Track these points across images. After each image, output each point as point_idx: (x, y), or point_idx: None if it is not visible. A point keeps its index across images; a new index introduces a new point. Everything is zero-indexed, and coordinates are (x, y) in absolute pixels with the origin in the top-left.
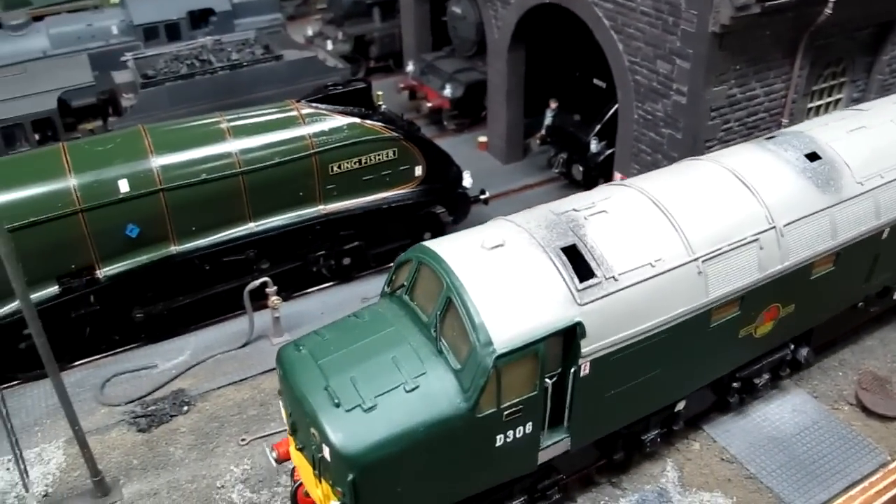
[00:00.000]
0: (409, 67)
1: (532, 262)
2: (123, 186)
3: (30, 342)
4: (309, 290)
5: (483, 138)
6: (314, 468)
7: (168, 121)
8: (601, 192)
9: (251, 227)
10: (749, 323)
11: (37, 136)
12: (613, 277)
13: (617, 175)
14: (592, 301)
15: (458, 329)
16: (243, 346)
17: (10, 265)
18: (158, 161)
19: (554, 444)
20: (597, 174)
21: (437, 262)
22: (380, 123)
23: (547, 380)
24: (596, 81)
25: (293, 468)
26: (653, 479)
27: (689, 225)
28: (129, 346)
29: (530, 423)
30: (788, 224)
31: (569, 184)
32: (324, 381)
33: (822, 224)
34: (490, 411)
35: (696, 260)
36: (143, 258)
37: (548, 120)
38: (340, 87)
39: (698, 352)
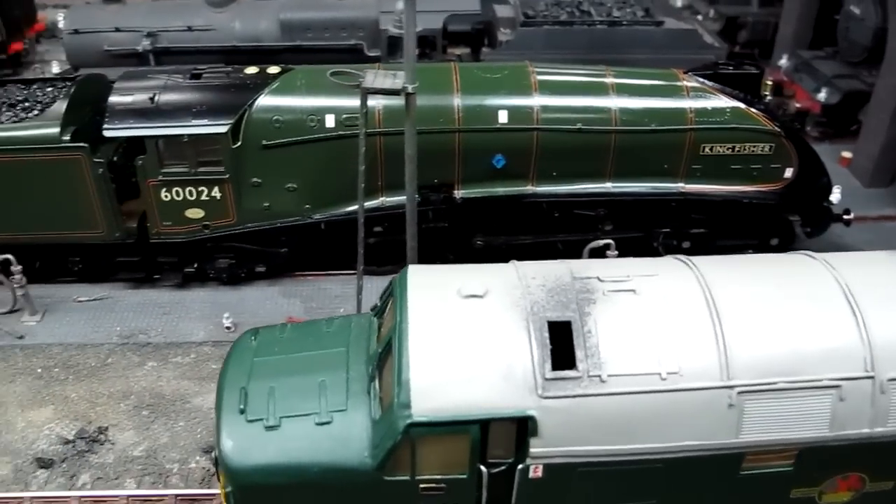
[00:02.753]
0: (782, 61)
1: (504, 328)
2: (502, 117)
3: (378, 239)
4: None
5: (847, 153)
6: (215, 464)
7: (553, 63)
8: (648, 266)
9: (608, 186)
10: (808, 484)
11: (416, 51)
12: (599, 377)
13: None
14: (560, 397)
15: (390, 377)
16: None
17: (410, 166)
18: (540, 100)
19: None
20: None
21: (400, 293)
22: (763, 114)
23: (483, 468)
24: None
25: None
26: None
27: (738, 340)
28: None
29: None
30: None
31: None
32: (245, 381)
33: None
34: (402, 477)
35: (729, 388)
36: (499, 190)
37: None
38: (731, 68)
39: (718, 498)
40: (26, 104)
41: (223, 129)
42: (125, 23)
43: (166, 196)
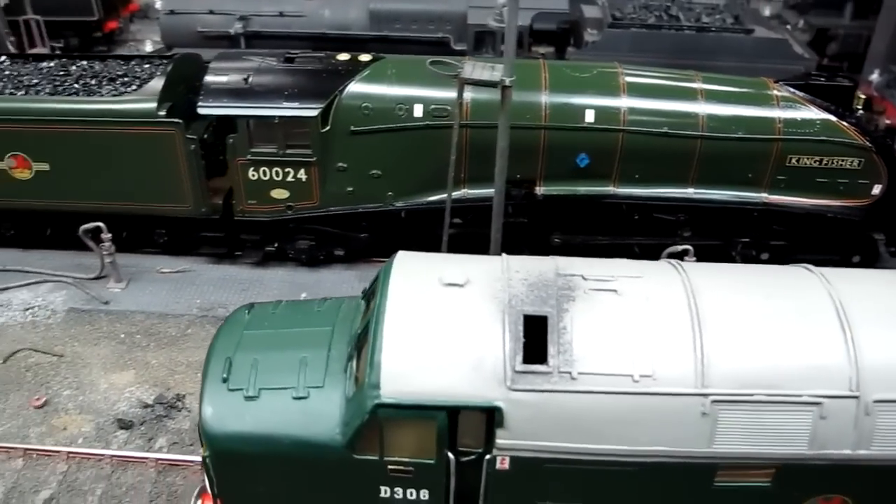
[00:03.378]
0: (874, 76)
1: (479, 318)
2: (589, 116)
3: (458, 231)
4: None
5: None
6: (199, 427)
7: (642, 66)
8: (636, 268)
9: (690, 192)
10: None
11: (502, 48)
12: (570, 374)
13: None
14: (528, 391)
15: (366, 357)
16: None
17: (501, 160)
18: (627, 102)
19: None
20: None
21: (385, 277)
22: (854, 128)
23: (450, 455)
24: None
25: None
26: None
27: (717, 348)
28: None
29: (426, 491)
30: (885, 402)
31: None
32: (232, 352)
33: None
34: (371, 457)
35: (703, 395)
36: (581, 189)
37: None
38: (823, 80)
39: None
40: (125, 79)
41: (313, 113)
42: (219, 6)
43: (253, 175)
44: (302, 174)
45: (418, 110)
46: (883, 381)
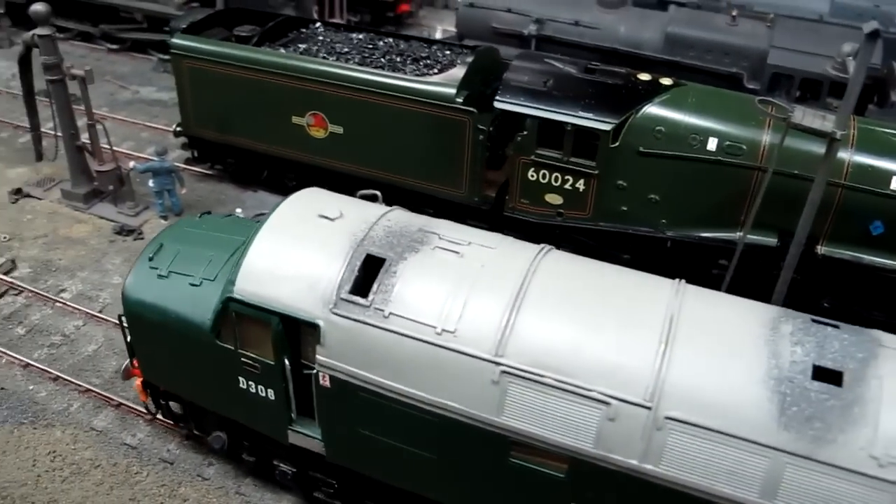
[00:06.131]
0: None
1: (331, 248)
2: (894, 183)
3: (721, 272)
4: None
5: None
6: None
7: None
8: (498, 241)
9: None
10: (584, 502)
11: (797, 93)
12: (383, 312)
13: None
14: (345, 317)
15: None
16: None
17: (810, 209)
18: None
19: (306, 437)
20: None
21: (281, 202)
22: None
23: (286, 361)
24: None
25: None
26: None
27: (525, 325)
28: None
29: (271, 392)
30: (679, 422)
31: None
32: (167, 242)
33: (750, 465)
34: (228, 346)
35: (495, 364)
36: (866, 257)
37: None
38: None
39: (493, 481)
40: (428, 61)
41: (607, 128)
42: (517, 5)
43: (532, 176)
44: (580, 184)
45: (712, 144)
46: (681, 401)
